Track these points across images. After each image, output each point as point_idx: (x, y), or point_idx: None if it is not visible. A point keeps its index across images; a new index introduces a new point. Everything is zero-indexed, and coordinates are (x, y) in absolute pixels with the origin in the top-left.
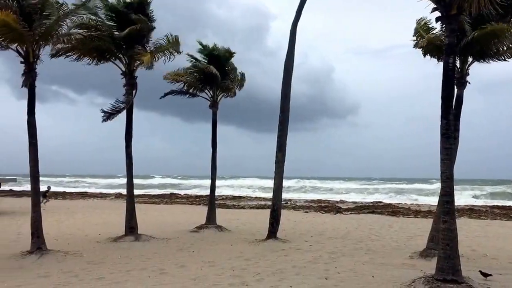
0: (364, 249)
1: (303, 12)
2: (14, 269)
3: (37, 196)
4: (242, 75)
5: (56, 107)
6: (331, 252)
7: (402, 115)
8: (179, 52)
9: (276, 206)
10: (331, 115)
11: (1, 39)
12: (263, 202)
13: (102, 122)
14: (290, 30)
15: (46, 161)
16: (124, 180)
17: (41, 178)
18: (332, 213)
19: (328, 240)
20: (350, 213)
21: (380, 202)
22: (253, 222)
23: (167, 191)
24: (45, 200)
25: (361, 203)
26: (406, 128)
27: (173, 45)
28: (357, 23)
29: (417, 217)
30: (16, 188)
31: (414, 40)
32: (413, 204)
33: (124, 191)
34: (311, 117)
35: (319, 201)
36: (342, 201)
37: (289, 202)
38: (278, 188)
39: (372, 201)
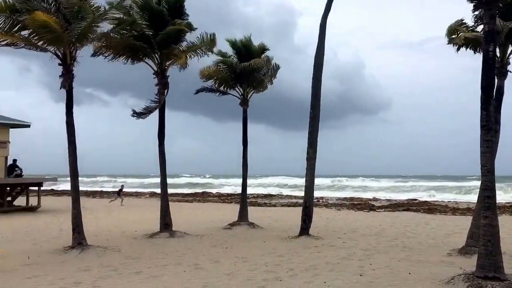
0: (399, 246)
1: (333, 7)
2: (57, 263)
3: (77, 193)
4: (277, 66)
5: (91, 109)
6: (365, 249)
7: (437, 111)
8: (212, 52)
9: (308, 203)
10: (362, 112)
11: (40, 41)
12: (294, 200)
13: (132, 116)
14: (320, 24)
15: (81, 161)
16: (156, 180)
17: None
18: (365, 210)
19: (362, 237)
20: (384, 211)
21: (415, 199)
22: (285, 219)
23: (198, 189)
24: (121, 198)
25: (395, 200)
26: (441, 124)
27: (207, 44)
28: (389, 17)
29: (455, 215)
30: (56, 188)
31: (447, 39)
32: (450, 201)
33: (156, 190)
34: (340, 114)
35: (352, 198)
36: (375, 199)
37: (320, 200)
38: (309, 185)
39: (406, 198)
